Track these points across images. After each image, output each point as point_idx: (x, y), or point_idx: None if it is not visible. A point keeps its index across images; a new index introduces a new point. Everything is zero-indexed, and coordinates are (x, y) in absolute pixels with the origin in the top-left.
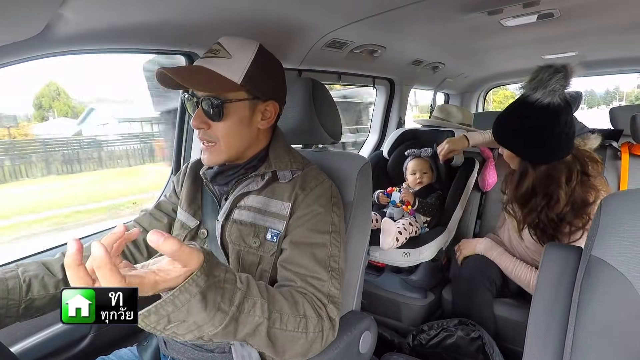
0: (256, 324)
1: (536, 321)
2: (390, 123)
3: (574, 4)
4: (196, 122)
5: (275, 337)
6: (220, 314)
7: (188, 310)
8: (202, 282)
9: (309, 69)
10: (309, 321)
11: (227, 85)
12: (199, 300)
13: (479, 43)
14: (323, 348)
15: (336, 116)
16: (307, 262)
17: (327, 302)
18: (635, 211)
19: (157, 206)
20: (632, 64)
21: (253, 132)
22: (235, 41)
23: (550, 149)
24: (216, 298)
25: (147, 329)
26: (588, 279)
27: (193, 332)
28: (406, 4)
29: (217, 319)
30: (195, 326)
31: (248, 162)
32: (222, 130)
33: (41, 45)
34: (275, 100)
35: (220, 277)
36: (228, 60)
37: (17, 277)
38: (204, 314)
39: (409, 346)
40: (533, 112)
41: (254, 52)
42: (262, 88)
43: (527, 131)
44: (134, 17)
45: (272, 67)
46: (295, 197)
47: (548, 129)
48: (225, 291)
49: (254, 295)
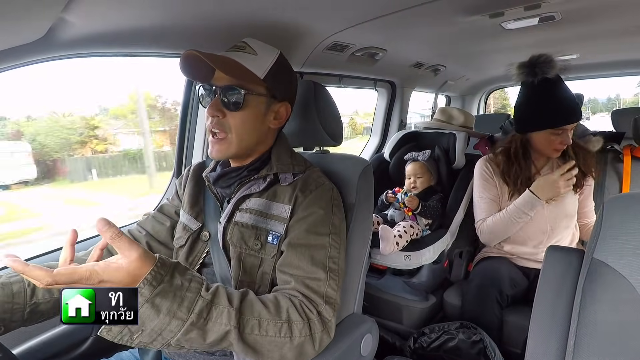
0: (223, 331)
1: (538, 324)
2: (392, 125)
3: (575, 7)
4: (212, 110)
5: (255, 343)
6: (176, 320)
7: (141, 320)
8: (147, 292)
9: (311, 72)
10: (294, 325)
11: (251, 78)
12: (148, 307)
13: (480, 46)
14: (318, 351)
15: (337, 118)
16: (304, 263)
17: (322, 303)
18: (637, 214)
19: (160, 209)
20: (633, 67)
21: (264, 130)
22: (259, 43)
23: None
24: (172, 306)
25: (117, 342)
26: (590, 282)
27: (157, 340)
28: (407, 7)
29: (173, 325)
30: (156, 334)
31: (251, 164)
32: (238, 120)
33: (45, 48)
34: (289, 102)
35: (180, 286)
36: (254, 57)
37: (21, 281)
38: (157, 320)
39: (410, 349)
40: (560, 82)
41: (277, 54)
42: (280, 88)
43: (573, 97)
44: (137, 20)
45: (289, 72)
46: (295, 199)
47: (566, 89)
48: (185, 299)
49: (221, 304)
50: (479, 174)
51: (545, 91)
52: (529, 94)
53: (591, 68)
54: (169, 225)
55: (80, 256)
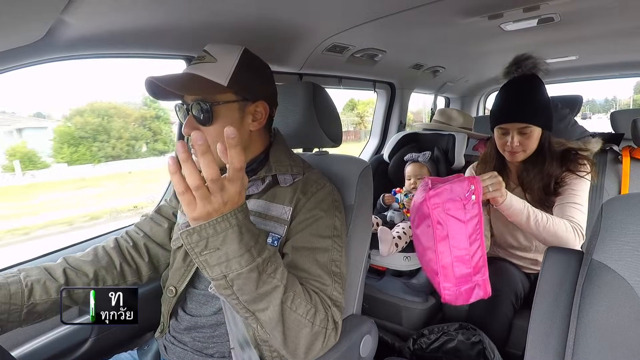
0: (274, 285)
1: (537, 325)
2: (391, 127)
3: (574, 9)
4: (187, 129)
5: (285, 314)
6: (248, 255)
7: (224, 239)
8: (241, 217)
9: (310, 73)
10: (318, 313)
11: (214, 88)
12: (236, 231)
13: (479, 47)
14: (324, 349)
15: (336, 120)
16: (310, 266)
17: (331, 305)
18: (636, 215)
19: (158, 210)
20: (632, 69)
21: (245, 134)
22: (220, 46)
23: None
24: (249, 241)
25: (187, 248)
26: (589, 283)
27: (222, 265)
28: (407, 8)
29: (244, 258)
30: (226, 258)
31: (247, 166)
32: (212, 135)
33: (44, 50)
34: (264, 100)
35: (255, 232)
36: (213, 65)
37: (19, 282)
38: (236, 246)
39: (409, 350)
40: (525, 81)
41: (239, 54)
42: (249, 89)
43: (534, 99)
44: (136, 21)
45: (258, 68)
46: (296, 201)
47: (542, 92)
48: (258, 242)
49: (278, 262)
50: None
51: (512, 88)
52: (500, 91)
53: (590, 70)
54: (167, 226)
55: (78, 257)
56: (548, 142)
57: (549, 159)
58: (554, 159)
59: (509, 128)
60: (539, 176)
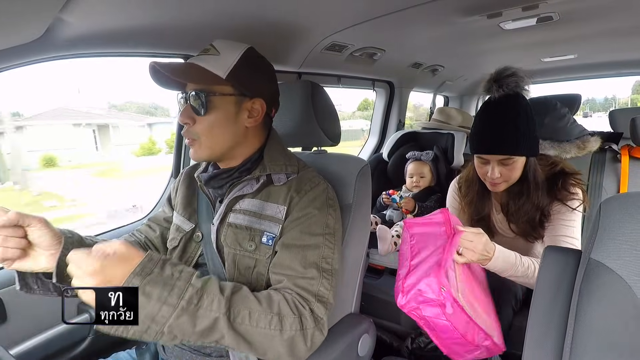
0: (213, 318)
1: (535, 325)
2: (390, 125)
3: (573, 8)
4: (182, 117)
5: (246, 333)
6: (166, 307)
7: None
8: (137, 282)
9: (309, 72)
10: (285, 319)
11: (213, 79)
12: (139, 296)
13: (478, 46)
14: (311, 348)
15: (335, 119)
16: (297, 264)
17: (314, 300)
18: (634, 214)
19: (152, 218)
20: (630, 67)
21: (239, 130)
22: (227, 42)
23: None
24: (162, 293)
25: (112, 334)
26: (587, 282)
27: (151, 327)
28: (406, 7)
29: (164, 311)
30: (149, 320)
31: (242, 165)
32: (205, 125)
33: (43, 48)
34: (262, 98)
35: (170, 276)
36: (216, 57)
37: None
38: (149, 307)
39: (407, 349)
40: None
41: (242, 51)
42: (248, 85)
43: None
44: (135, 20)
45: (260, 67)
46: (290, 200)
47: (526, 116)
48: (175, 287)
49: (211, 292)
50: (449, 197)
51: (493, 113)
52: (479, 111)
53: (589, 68)
54: (158, 233)
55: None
56: (533, 170)
57: (534, 189)
58: (539, 189)
59: (489, 159)
60: (524, 208)
